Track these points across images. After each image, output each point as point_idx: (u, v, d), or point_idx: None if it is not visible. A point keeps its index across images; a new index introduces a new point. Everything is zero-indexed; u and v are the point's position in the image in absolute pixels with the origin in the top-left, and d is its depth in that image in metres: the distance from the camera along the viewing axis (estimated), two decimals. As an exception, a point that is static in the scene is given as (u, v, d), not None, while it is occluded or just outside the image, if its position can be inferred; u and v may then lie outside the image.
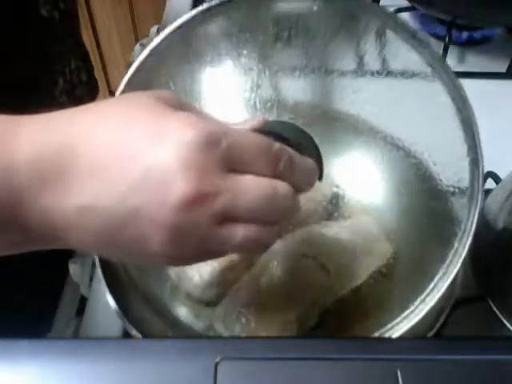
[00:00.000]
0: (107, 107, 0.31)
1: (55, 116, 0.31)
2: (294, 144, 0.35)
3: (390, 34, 0.46)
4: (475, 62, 0.73)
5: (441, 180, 0.45)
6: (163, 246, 0.30)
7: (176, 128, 0.29)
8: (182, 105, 0.33)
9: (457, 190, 0.43)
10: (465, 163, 0.42)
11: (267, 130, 0.34)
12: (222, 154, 0.29)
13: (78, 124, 0.30)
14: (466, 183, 0.42)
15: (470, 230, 0.40)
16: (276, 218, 0.32)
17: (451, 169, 0.44)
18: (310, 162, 0.35)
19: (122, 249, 0.31)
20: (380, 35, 0.46)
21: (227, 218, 0.30)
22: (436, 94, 0.44)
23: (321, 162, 0.38)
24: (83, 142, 0.29)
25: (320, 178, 0.37)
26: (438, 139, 0.44)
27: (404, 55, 0.45)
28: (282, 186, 0.32)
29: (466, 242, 0.40)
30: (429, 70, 0.44)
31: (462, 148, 0.42)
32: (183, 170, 0.28)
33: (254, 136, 0.32)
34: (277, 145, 0.32)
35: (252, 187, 0.30)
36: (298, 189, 0.33)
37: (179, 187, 0.28)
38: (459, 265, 0.39)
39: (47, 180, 0.29)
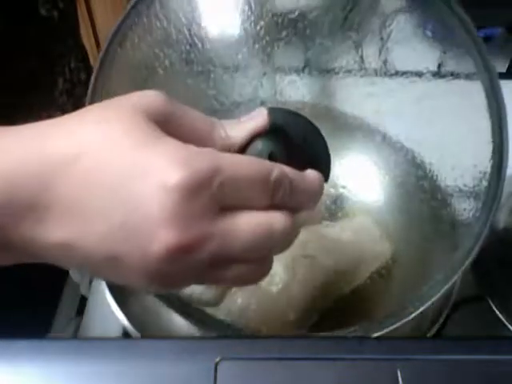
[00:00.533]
0: (84, 129, 0.28)
1: (27, 133, 0.28)
2: (299, 139, 0.33)
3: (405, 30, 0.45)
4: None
5: (445, 183, 0.45)
6: (147, 286, 0.28)
7: (160, 167, 0.26)
8: (172, 116, 0.29)
9: (465, 193, 0.42)
10: (481, 165, 0.40)
11: (270, 123, 0.32)
12: (211, 196, 0.26)
13: (51, 150, 0.27)
14: (474, 186, 0.41)
15: (481, 235, 0.39)
16: (272, 253, 0.30)
17: (466, 171, 0.42)
18: (313, 180, 0.32)
19: (106, 278, 0.30)
20: (387, 31, 0.46)
21: (218, 260, 0.28)
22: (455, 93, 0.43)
23: (328, 158, 0.35)
24: (58, 174, 0.27)
25: (326, 178, 0.34)
26: (456, 140, 0.43)
27: (411, 54, 0.45)
28: (279, 221, 0.29)
29: (474, 247, 0.39)
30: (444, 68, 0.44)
31: (484, 151, 0.40)
32: (166, 219, 0.26)
33: (251, 167, 0.28)
34: (276, 172, 0.29)
35: (245, 227, 0.28)
36: (300, 209, 0.31)
37: (162, 238, 0.26)
38: (462, 268, 0.39)
39: (20, 210, 0.27)
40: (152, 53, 0.44)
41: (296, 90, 0.49)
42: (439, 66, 0.45)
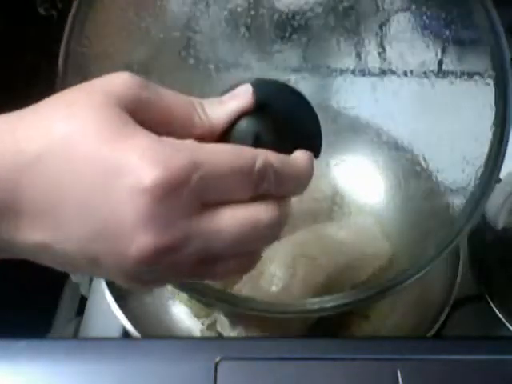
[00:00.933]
0: (52, 123, 0.26)
1: None
2: (287, 113, 0.31)
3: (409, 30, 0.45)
4: (473, 58, 0.73)
5: (439, 179, 0.45)
6: (130, 284, 0.28)
7: (133, 166, 0.24)
8: (147, 102, 0.27)
9: (461, 190, 0.42)
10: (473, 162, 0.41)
11: (256, 100, 0.30)
12: (189, 194, 0.25)
13: (18, 147, 0.26)
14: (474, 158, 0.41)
15: (480, 202, 0.39)
16: (259, 247, 0.29)
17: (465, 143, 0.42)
18: (301, 163, 0.30)
19: (91, 275, 0.29)
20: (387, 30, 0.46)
21: (204, 258, 0.27)
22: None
23: (319, 131, 0.32)
24: (26, 173, 0.25)
25: (317, 153, 0.32)
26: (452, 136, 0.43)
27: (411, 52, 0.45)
28: (265, 213, 0.27)
29: (474, 213, 0.39)
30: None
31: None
32: (142, 222, 0.24)
33: (232, 159, 0.27)
34: (259, 162, 0.27)
35: (229, 223, 0.26)
36: (289, 195, 0.30)
37: (139, 241, 0.25)
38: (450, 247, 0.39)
39: None
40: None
41: (298, 88, 0.49)
42: (440, 63, 0.45)
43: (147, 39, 0.42)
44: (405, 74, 0.46)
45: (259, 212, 0.27)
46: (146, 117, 0.27)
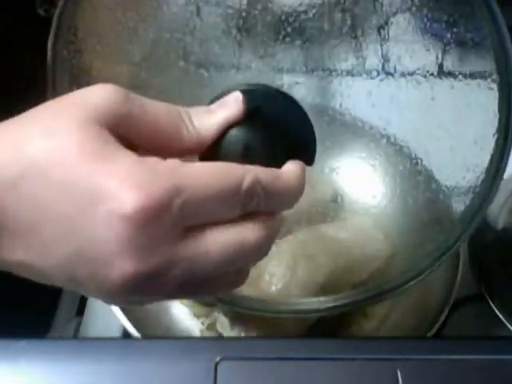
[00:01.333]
0: (29, 142, 0.25)
1: None
2: (279, 120, 0.30)
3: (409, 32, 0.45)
4: (475, 61, 0.73)
5: (439, 185, 0.45)
6: (114, 304, 0.28)
7: (113, 191, 0.24)
8: (130, 116, 0.26)
9: (461, 196, 0.42)
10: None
11: (246, 109, 0.29)
12: (171, 219, 0.24)
13: None
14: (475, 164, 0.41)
15: (481, 206, 0.39)
16: (247, 265, 0.29)
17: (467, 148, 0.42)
18: (291, 178, 0.29)
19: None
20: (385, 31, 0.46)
21: (190, 280, 0.26)
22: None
23: (313, 137, 0.31)
24: (6, 193, 0.24)
25: (312, 159, 0.31)
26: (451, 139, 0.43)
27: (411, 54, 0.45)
28: (252, 233, 0.27)
29: (474, 220, 0.39)
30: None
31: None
32: (122, 248, 0.24)
33: (217, 180, 0.26)
34: (247, 181, 0.26)
35: (214, 246, 0.26)
36: (279, 210, 0.29)
37: (119, 267, 0.24)
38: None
39: None
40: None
41: (295, 91, 0.49)
42: (441, 67, 0.45)
43: (137, 40, 0.42)
44: (404, 77, 0.46)
45: (246, 232, 0.27)
46: (129, 132, 0.26)
